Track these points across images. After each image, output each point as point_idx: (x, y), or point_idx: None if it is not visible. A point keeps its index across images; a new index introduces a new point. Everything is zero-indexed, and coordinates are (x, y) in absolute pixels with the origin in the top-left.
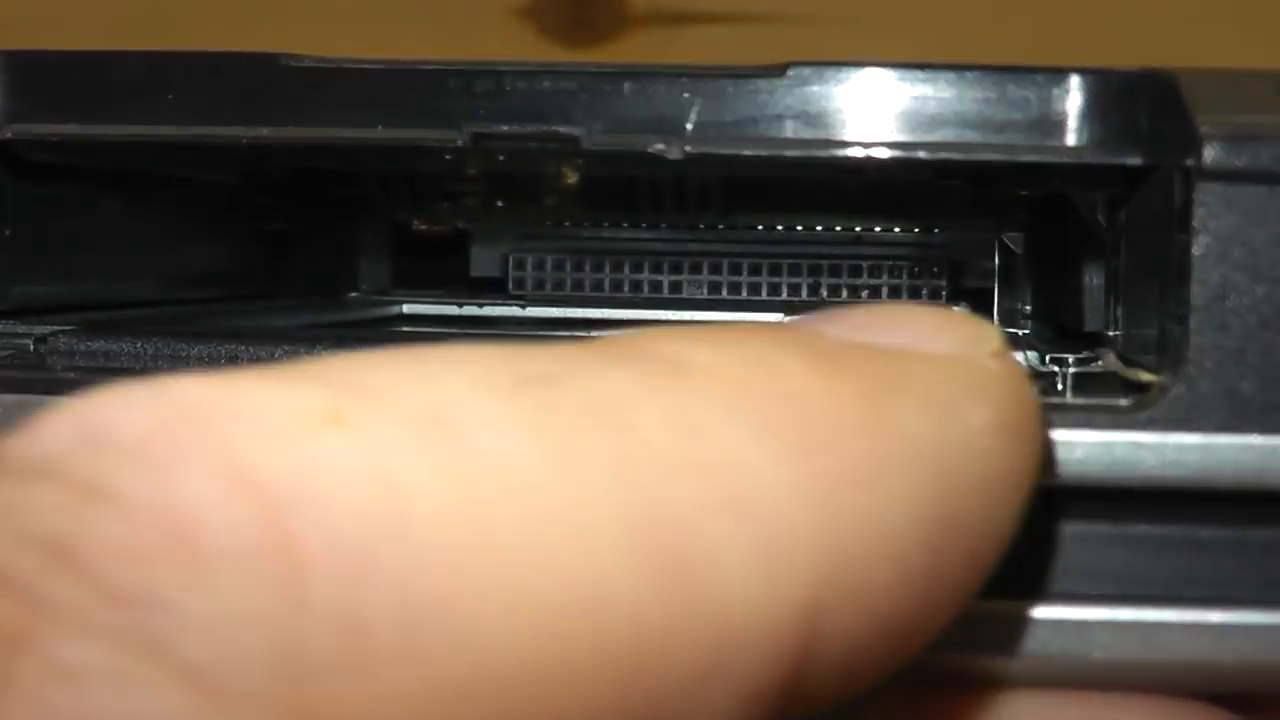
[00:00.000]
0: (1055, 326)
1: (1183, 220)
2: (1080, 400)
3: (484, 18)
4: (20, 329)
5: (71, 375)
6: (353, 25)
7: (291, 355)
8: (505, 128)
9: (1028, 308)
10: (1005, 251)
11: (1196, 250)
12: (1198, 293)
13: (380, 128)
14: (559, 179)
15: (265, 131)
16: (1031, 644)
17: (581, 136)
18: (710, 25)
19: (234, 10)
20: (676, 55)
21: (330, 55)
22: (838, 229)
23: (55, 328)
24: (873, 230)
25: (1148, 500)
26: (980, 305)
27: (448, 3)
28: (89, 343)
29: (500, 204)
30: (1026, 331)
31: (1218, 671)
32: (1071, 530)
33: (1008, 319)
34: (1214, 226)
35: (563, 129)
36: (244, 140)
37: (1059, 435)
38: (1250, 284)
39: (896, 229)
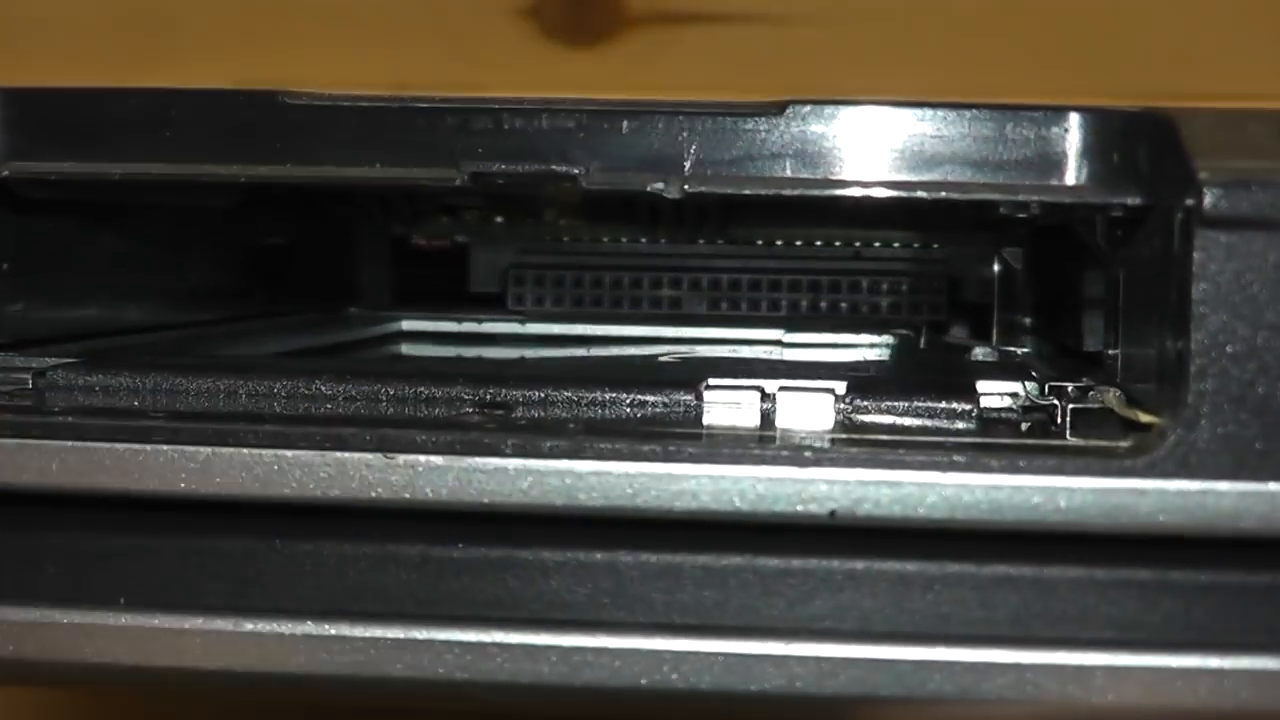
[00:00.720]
0: (1055, 344)
1: (1182, 264)
2: (1079, 442)
3: (484, 18)
4: (19, 362)
5: (69, 420)
6: (353, 25)
7: (290, 390)
8: (503, 166)
9: (1028, 322)
10: (1005, 267)
11: (1196, 295)
12: (1197, 338)
13: (378, 165)
14: (559, 196)
15: (263, 170)
16: (1032, 689)
17: (580, 175)
18: (710, 25)
19: (233, 10)
20: (676, 55)
21: (329, 90)
22: (837, 244)
23: (54, 361)
24: (872, 245)
25: (1148, 546)
26: (979, 321)
27: (448, 3)
28: (87, 378)
29: (500, 220)
30: (1026, 350)
31: (1217, 716)
32: (1071, 575)
33: (1007, 335)
34: (1213, 272)
35: (561, 168)
36: (242, 179)
37: (1059, 482)
38: (1250, 330)
39: (896, 244)
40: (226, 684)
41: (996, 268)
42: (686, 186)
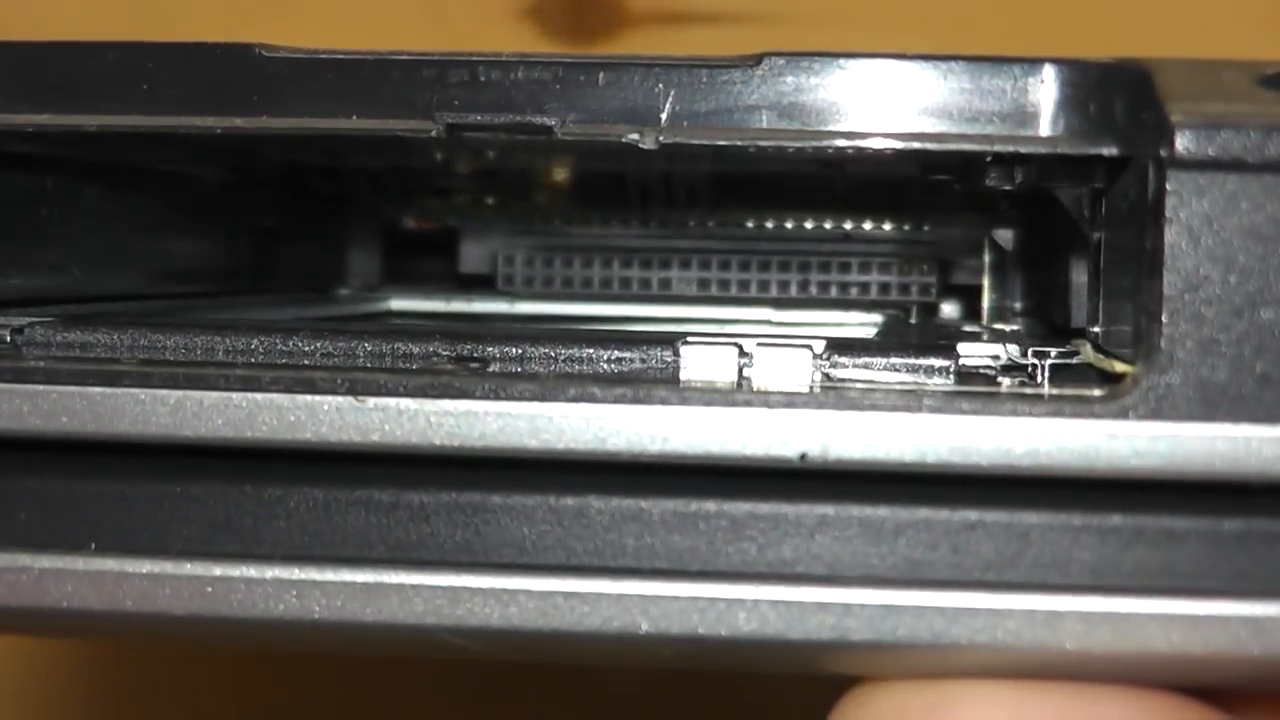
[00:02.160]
0: (1046, 323)
1: (1155, 210)
2: (1053, 390)
3: (484, 18)
4: None
5: (41, 364)
6: (353, 25)
7: (268, 347)
8: (479, 118)
9: (1018, 305)
10: (995, 248)
11: (1169, 239)
12: (1170, 282)
13: (355, 118)
14: (549, 176)
15: (238, 121)
16: (1003, 635)
17: (555, 126)
18: (710, 26)
19: (233, 10)
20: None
21: (305, 45)
22: (827, 225)
23: (33, 319)
24: (862, 227)
25: (1120, 490)
26: (970, 302)
27: (448, 3)
28: (65, 334)
29: (490, 201)
30: (1016, 328)
31: (1190, 663)
32: (1044, 520)
33: (998, 315)
34: (1185, 216)
35: (536, 119)
36: (218, 130)
37: (1031, 425)
38: (1223, 273)
39: (886, 225)
40: (197, 629)
41: (987, 249)
42: (662, 138)
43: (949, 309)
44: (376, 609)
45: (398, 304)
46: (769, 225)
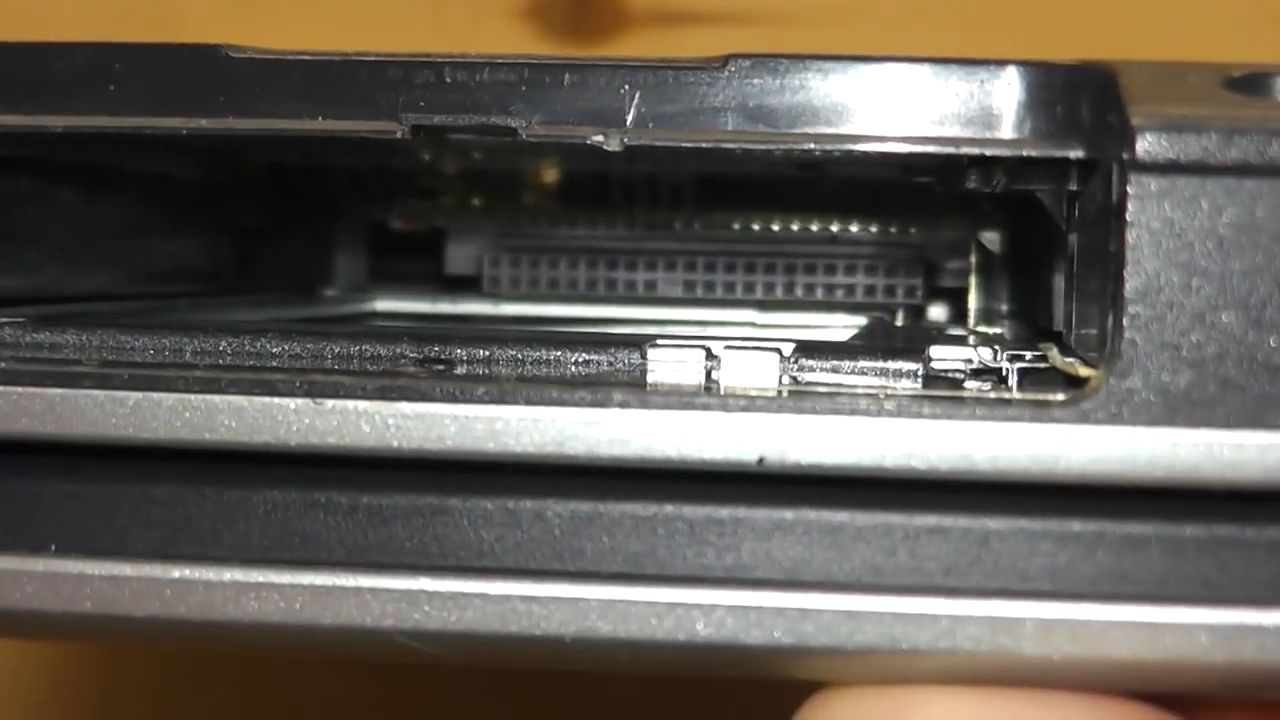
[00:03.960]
0: (1031, 326)
1: (1118, 213)
2: (1015, 395)
3: (484, 18)
4: None
5: (2, 365)
6: (353, 26)
7: (235, 348)
8: (444, 119)
9: (1005, 307)
10: (982, 250)
11: (1130, 242)
12: (1131, 286)
13: (321, 119)
14: (535, 177)
15: (204, 122)
16: (963, 640)
17: (520, 128)
18: (710, 26)
19: (233, 10)
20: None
21: (273, 47)
22: (813, 227)
23: (2, 320)
24: (848, 229)
25: (1080, 495)
26: (957, 304)
27: (448, 3)
28: (34, 335)
29: (476, 202)
30: (1000, 331)
31: (1152, 669)
32: (1004, 525)
33: (984, 318)
34: (1146, 219)
35: (501, 120)
36: (183, 131)
37: (990, 429)
38: (1184, 277)
39: (872, 227)
40: (156, 631)
41: (973, 251)
42: (626, 139)
43: (936, 312)
44: (334, 612)
45: (382, 305)
46: (755, 227)
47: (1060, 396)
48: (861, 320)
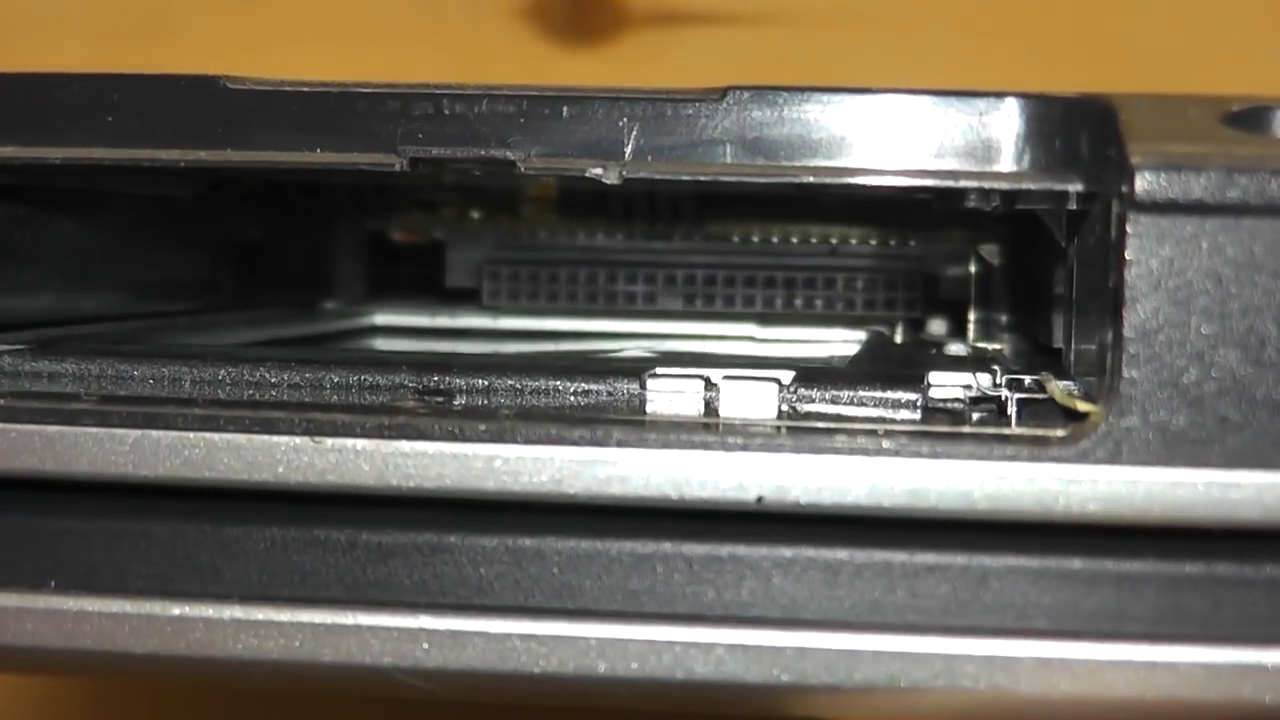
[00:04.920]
0: (1031, 341)
1: (1117, 249)
2: (1014, 431)
3: (484, 18)
4: None
5: (1, 402)
6: (352, 26)
7: (235, 378)
8: (443, 151)
9: (1005, 319)
10: (982, 264)
11: (1129, 280)
12: (1130, 324)
13: (319, 150)
14: (535, 189)
15: (202, 155)
16: (961, 679)
17: (519, 160)
18: (710, 26)
19: (233, 11)
20: (676, 55)
21: (272, 77)
22: (812, 240)
23: (3, 348)
24: (848, 242)
25: (1079, 535)
26: (957, 317)
27: (448, 3)
28: (34, 364)
29: (475, 215)
30: (1000, 347)
31: (1149, 708)
32: (1003, 563)
33: (984, 332)
34: (1145, 258)
35: (500, 153)
36: (181, 164)
37: (989, 469)
38: (1183, 317)
39: (871, 241)
40: (156, 668)
41: (973, 264)
42: (625, 172)
43: (935, 325)
44: (333, 649)
45: (382, 319)
46: (754, 240)
47: (1059, 433)
48: (861, 334)
